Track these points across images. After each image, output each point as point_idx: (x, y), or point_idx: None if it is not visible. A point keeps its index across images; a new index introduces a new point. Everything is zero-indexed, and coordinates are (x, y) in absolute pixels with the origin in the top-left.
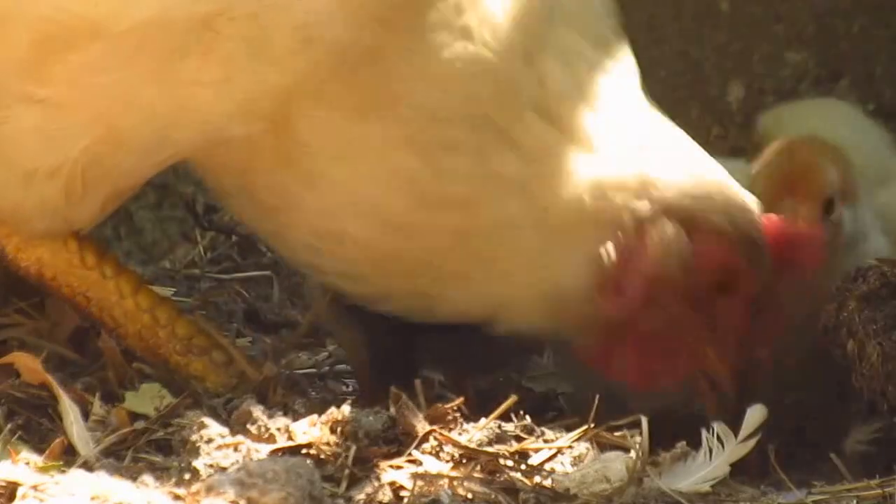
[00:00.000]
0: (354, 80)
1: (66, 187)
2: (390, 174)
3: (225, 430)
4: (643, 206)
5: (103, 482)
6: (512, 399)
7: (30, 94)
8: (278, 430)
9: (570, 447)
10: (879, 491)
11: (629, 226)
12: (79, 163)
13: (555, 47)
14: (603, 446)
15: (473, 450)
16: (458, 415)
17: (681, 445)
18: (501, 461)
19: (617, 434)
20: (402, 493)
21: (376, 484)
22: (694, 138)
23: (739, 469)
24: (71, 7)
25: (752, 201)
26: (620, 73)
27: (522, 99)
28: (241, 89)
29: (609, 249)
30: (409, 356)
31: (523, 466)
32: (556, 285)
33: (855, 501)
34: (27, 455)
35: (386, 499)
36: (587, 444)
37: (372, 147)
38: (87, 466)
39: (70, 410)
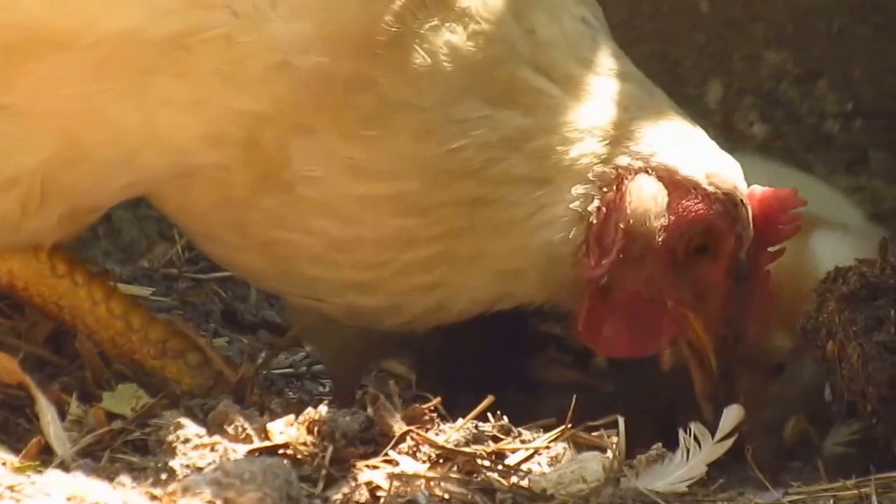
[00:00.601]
0: (347, 100)
1: (23, 199)
2: (401, 163)
3: (202, 431)
4: (624, 160)
5: (80, 482)
6: (489, 399)
7: None
8: (255, 430)
9: (547, 447)
10: (856, 491)
11: (611, 180)
12: (37, 175)
13: (540, 2)
14: (580, 447)
15: (450, 450)
16: (434, 415)
17: (657, 446)
18: (478, 461)
19: (594, 434)
20: (379, 494)
21: (353, 484)
22: None
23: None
24: (40, 17)
25: (734, 165)
26: (603, 29)
27: (516, 54)
28: (213, 113)
29: (592, 203)
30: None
31: (500, 467)
32: (551, 244)
33: (832, 502)
34: (3, 455)
35: (363, 499)
36: (564, 445)
37: (382, 147)
38: (64, 466)
39: (47, 410)
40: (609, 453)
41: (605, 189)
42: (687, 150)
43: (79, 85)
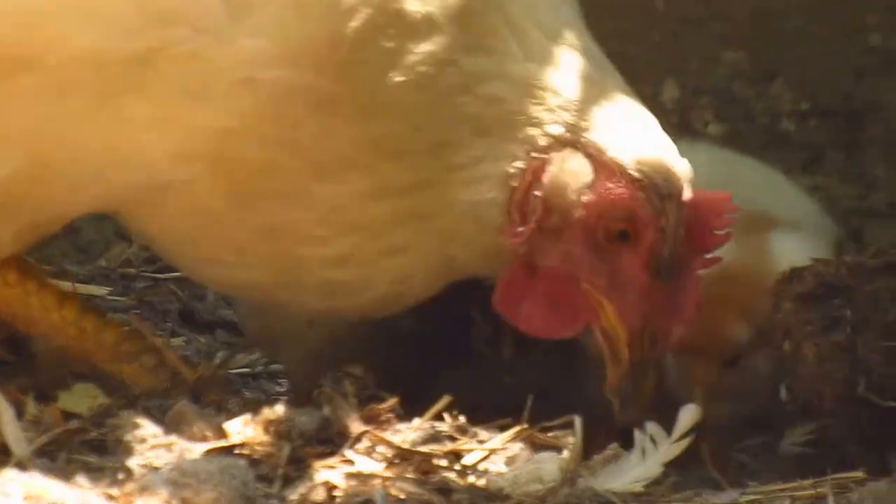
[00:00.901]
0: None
1: None
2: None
3: (159, 430)
4: (557, 129)
5: (37, 482)
6: (446, 399)
7: None
8: (212, 430)
9: (503, 448)
10: (813, 491)
11: (541, 147)
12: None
13: None
14: (536, 447)
15: (407, 450)
16: (391, 415)
17: (613, 446)
18: (435, 461)
19: (550, 435)
20: (336, 493)
21: (310, 484)
22: None
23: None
24: (5, 37)
25: (674, 154)
26: (572, 6)
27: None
28: (180, 130)
29: (519, 166)
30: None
31: (457, 466)
32: (479, 203)
33: (788, 501)
34: None
35: (319, 498)
36: (521, 445)
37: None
38: (21, 466)
39: (5, 411)
40: (565, 453)
41: (533, 155)
42: (623, 133)
43: (44, 105)
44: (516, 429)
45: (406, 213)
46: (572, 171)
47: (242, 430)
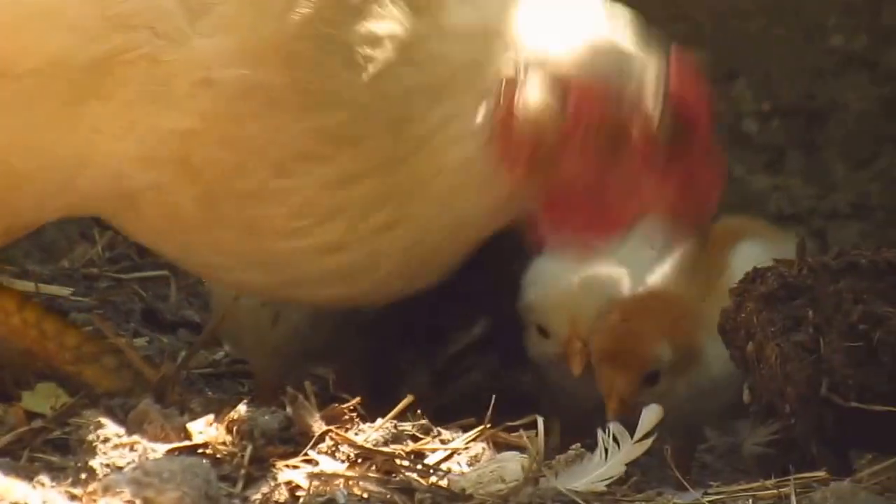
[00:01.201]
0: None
1: None
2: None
3: (121, 430)
4: (508, 63)
5: (0, 481)
6: (408, 399)
7: None
8: (174, 429)
9: (466, 447)
10: (775, 491)
11: (500, 84)
12: None
13: None
14: (499, 447)
15: (369, 450)
16: (354, 415)
17: (575, 446)
18: (397, 461)
19: (513, 434)
20: (299, 493)
21: (273, 483)
22: None
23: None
24: None
25: (634, 52)
26: None
27: None
28: (144, 134)
29: (486, 114)
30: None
31: (419, 466)
32: (468, 159)
33: (751, 502)
34: None
35: (282, 498)
36: (483, 445)
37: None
38: None
39: None
40: (528, 453)
41: (499, 94)
42: (568, 40)
43: (13, 114)
44: (479, 428)
45: (385, 191)
46: (539, 93)
47: (205, 429)
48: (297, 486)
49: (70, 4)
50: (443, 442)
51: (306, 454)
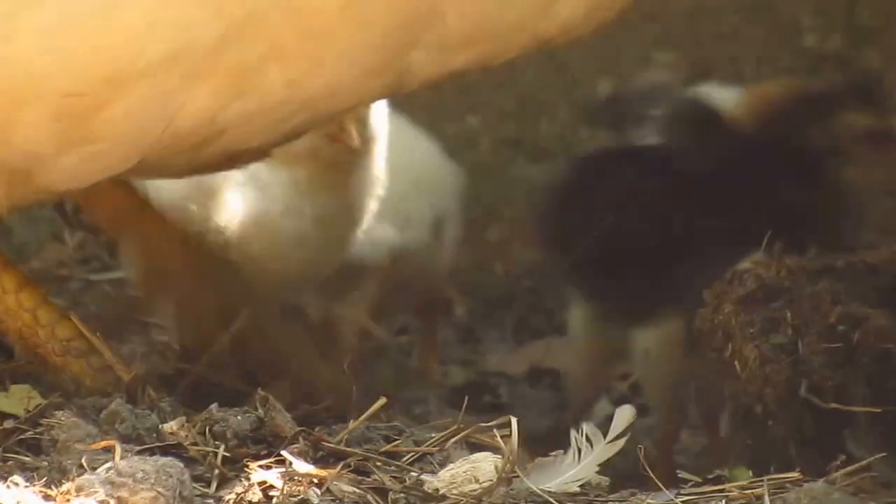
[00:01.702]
0: None
1: None
2: None
3: (94, 430)
4: None
5: None
6: (381, 401)
7: None
8: (147, 429)
9: (439, 448)
10: (749, 492)
11: None
12: None
13: None
14: (473, 447)
15: (343, 450)
16: (327, 415)
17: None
18: (371, 462)
19: (487, 435)
20: (272, 493)
21: (246, 484)
22: (563, 139)
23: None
24: None
25: None
26: None
27: None
28: None
29: None
30: None
31: (393, 467)
32: None
33: (724, 502)
34: None
35: (256, 498)
36: (456, 445)
37: None
38: None
39: None
40: (502, 453)
41: None
42: None
43: None
44: (452, 429)
45: None
46: None
47: (178, 430)
48: (271, 487)
49: None
50: (416, 442)
51: (279, 455)
